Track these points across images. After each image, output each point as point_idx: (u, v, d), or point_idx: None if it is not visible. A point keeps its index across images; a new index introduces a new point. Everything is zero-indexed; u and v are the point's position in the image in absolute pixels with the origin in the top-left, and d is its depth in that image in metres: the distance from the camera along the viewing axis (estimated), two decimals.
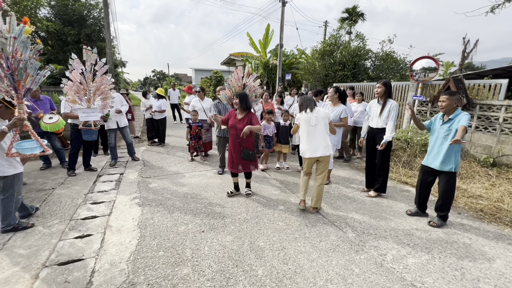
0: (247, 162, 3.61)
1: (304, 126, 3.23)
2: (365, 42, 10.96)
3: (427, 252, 2.55)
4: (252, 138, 3.63)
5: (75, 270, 2.22)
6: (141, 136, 8.30)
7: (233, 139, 3.56)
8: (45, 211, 3.24)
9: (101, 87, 4.33)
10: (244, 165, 3.62)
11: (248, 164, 3.63)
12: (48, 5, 13.19)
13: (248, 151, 3.52)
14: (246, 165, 3.63)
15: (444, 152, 2.93)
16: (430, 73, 5.94)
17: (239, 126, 3.46)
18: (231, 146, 3.61)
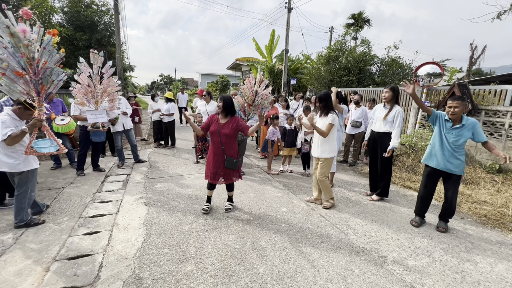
0: (230, 172, 3.24)
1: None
2: (371, 48, 11.03)
3: (428, 255, 2.57)
4: (236, 145, 3.30)
5: (84, 264, 2.31)
6: (148, 138, 8.47)
7: (216, 146, 3.20)
8: (55, 209, 3.36)
9: (108, 89, 4.49)
10: (227, 176, 3.25)
11: (231, 175, 3.27)
12: (61, 11, 13.66)
13: (232, 159, 3.18)
14: (228, 176, 3.25)
15: (451, 155, 2.89)
16: (435, 78, 5.95)
17: (224, 132, 3.14)
18: (212, 155, 3.22)
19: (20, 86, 2.70)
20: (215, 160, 3.21)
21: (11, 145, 2.65)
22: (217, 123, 3.21)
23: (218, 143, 3.19)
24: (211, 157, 3.25)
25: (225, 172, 3.24)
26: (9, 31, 2.49)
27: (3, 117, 2.64)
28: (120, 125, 5.26)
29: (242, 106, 4.44)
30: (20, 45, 2.58)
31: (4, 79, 2.62)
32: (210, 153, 3.27)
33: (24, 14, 2.60)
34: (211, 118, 3.30)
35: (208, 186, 3.36)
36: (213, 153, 3.22)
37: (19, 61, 2.63)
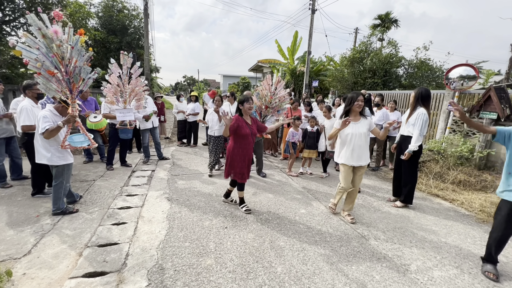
0: (248, 171, 3.38)
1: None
2: (398, 49, 10.61)
3: (455, 267, 2.43)
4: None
5: (112, 252, 2.46)
6: (171, 137, 8.78)
7: (248, 147, 3.26)
8: (87, 199, 3.60)
9: (135, 89, 4.73)
10: (247, 175, 3.38)
11: (249, 172, 3.42)
12: (96, 16, 14.61)
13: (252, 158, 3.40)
14: (248, 175, 3.39)
15: None
16: (469, 81, 5.60)
17: (254, 132, 3.30)
18: (240, 156, 3.23)
19: (54, 85, 2.93)
20: (243, 160, 3.24)
21: (48, 138, 2.89)
22: (247, 124, 3.22)
23: (250, 143, 3.28)
24: (239, 158, 3.22)
25: (248, 171, 3.35)
26: (41, 33, 2.70)
27: (44, 113, 2.90)
28: (150, 122, 5.52)
29: (259, 108, 4.43)
30: (52, 46, 2.78)
31: (41, 78, 2.86)
32: (238, 155, 3.21)
33: (56, 16, 2.82)
34: (238, 120, 3.20)
35: (240, 187, 3.42)
36: (243, 154, 3.22)
37: (51, 61, 2.84)
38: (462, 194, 4.20)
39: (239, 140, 3.21)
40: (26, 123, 3.45)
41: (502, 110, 4.75)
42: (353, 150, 3.08)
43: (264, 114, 4.39)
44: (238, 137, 3.21)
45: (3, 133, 3.91)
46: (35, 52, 2.75)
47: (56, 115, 3.00)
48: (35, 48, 2.75)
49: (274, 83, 4.33)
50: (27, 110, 3.46)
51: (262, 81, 4.56)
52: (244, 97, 3.24)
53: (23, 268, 2.18)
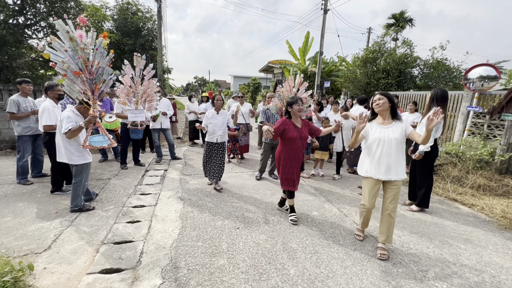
0: (298, 177, 3.18)
1: None
2: (413, 49, 10.34)
3: (476, 275, 2.34)
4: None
5: (127, 249, 2.51)
6: (183, 137, 8.90)
7: (297, 152, 3.04)
8: (103, 197, 3.70)
9: (147, 91, 4.82)
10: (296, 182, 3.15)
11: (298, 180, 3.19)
12: (111, 19, 15.02)
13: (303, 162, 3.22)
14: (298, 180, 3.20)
15: None
16: (490, 82, 5.39)
17: (304, 136, 3.08)
18: (292, 161, 3.05)
19: (78, 86, 3.05)
20: (291, 166, 3.06)
21: (70, 138, 2.99)
22: (296, 127, 3.04)
23: (299, 148, 3.04)
24: (286, 163, 3.07)
25: (298, 177, 3.15)
26: (68, 36, 2.82)
27: (68, 113, 3.00)
28: (158, 123, 5.62)
29: (280, 110, 4.37)
30: (77, 49, 2.90)
31: (66, 80, 2.97)
32: (290, 160, 3.06)
33: (81, 21, 2.94)
34: (284, 123, 3.03)
35: (290, 195, 3.22)
36: (290, 158, 3.05)
37: (77, 62, 2.96)
38: (482, 199, 4.04)
39: (286, 143, 3.06)
40: (47, 123, 3.58)
41: None
42: (379, 160, 2.49)
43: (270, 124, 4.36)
44: (285, 141, 3.06)
45: (31, 130, 4.10)
46: (62, 55, 2.88)
47: (78, 115, 3.10)
48: (63, 51, 2.87)
49: (296, 85, 4.25)
50: (49, 111, 3.60)
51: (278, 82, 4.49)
52: (293, 99, 3.04)
53: (44, 263, 2.26)
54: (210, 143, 4.15)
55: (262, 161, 4.79)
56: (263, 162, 4.78)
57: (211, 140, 4.13)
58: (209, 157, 4.16)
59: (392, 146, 2.46)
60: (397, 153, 2.48)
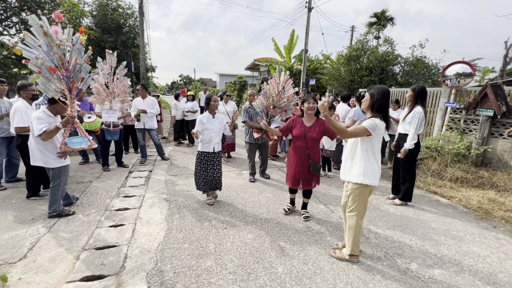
0: (311, 177, 3.08)
1: (379, 141, 2.26)
2: (394, 47, 10.65)
3: (456, 264, 2.44)
4: (319, 149, 3.14)
5: (110, 255, 2.42)
6: (168, 136, 8.72)
7: (301, 151, 3.02)
8: (84, 201, 3.55)
9: (120, 90, 4.64)
10: (307, 181, 3.08)
11: (312, 180, 3.10)
12: (90, 15, 14.43)
13: (317, 164, 3.02)
14: (309, 181, 3.09)
15: None
16: (466, 78, 5.63)
17: (310, 135, 2.98)
18: (295, 160, 3.06)
19: (54, 85, 2.89)
20: (298, 165, 3.04)
21: (46, 140, 2.84)
22: (302, 125, 3.04)
23: (303, 147, 3.01)
24: (293, 162, 3.08)
25: (308, 177, 3.07)
26: (42, 31, 2.67)
27: (38, 114, 2.83)
28: (141, 123, 5.46)
29: (266, 108, 4.31)
30: (52, 44, 2.76)
31: (41, 78, 2.82)
32: (295, 158, 3.06)
33: (56, 17, 2.79)
34: (294, 120, 3.11)
35: (291, 191, 3.33)
36: (297, 158, 3.04)
37: (52, 59, 2.81)
38: (460, 191, 4.22)
39: (293, 141, 3.11)
40: (19, 125, 3.38)
41: (499, 107, 4.78)
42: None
43: (272, 114, 4.24)
44: (293, 139, 3.12)
45: (4, 132, 3.86)
46: (35, 51, 2.72)
47: (50, 116, 2.94)
48: (37, 46, 2.72)
49: (282, 82, 4.20)
50: (21, 112, 3.40)
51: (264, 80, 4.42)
52: (306, 97, 3.05)
53: (19, 273, 2.13)
54: (205, 153, 3.45)
55: (251, 163, 4.66)
56: (252, 163, 4.65)
57: (206, 150, 3.44)
58: (204, 170, 3.45)
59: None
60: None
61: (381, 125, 2.17)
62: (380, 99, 2.18)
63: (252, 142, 4.59)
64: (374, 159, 2.25)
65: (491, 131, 5.12)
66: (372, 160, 2.25)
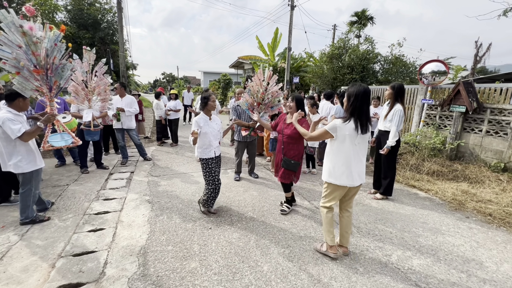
0: (288, 172, 3.19)
1: (349, 142, 2.21)
2: (374, 46, 10.95)
3: (432, 254, 2.55)
4: (300, 146, 3.19)
5: (89, 261, 2.32)
6: (151, 136, 8.49)
7: (279, 145, 3.30)
8: (60, 206, 3.38)
9: (100, 88, 4.46)
10: (284, 174, 3.21)
11: (287, 174, 3.20)
12: (64, 9, 13.70)
13: (290, 160, 3.10)
14: (285, 175, 3.21)
15: None
16: (440, 76, 5.90)
17: (286, 132, 3.13)
18: (277, 153, 3.36)
19: (33, 84, 2.76)
20: (277, 158, 3.34)
21: (27, 141, 2.73)
22: (283, 122, 3.27)
23: (280, 141, 3.27)
24: (276, 155, 3.38)
25: (285, 171, 3.19)
26: (22, 30, 2.51)
27: (6, 115, 2.63)
28: (119, 122, 5.27)
29: (251, 105, 4.28)
30: (30, 43, 2.60)
31: (18, 78, 2.65)
32: (276, 151, 3.39)
33: (28, 11, 2.61)
34: (281, 116, 3.39)
35: (284, 189, 3.42)
36: (277, 151, 3.37)
37: (30, 58, 2.66)
38: (436, 184, 4.43)
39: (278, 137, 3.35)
40: None
41: (470, 104, 5.05)
42: None
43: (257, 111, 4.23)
44: (278, 134, 3.34)
45: None
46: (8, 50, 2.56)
47: (18, 114, 2.76)
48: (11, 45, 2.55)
49: (266, 78, 4.18)
50: None
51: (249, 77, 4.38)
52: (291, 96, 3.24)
53: None
54: (206, 159, 3.06)
55: (238, 161, 4.63)
56: (238, 161, 4.62)
57: (207, 156, 3.05)
58: (216, 180, 3.12)
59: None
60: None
61: (344, 126, 2.15)
62: (354, 101, 2.14)
63: (240, 140, 4.58)
64: (341, 159, 2.24)
65: (464, 126, 5.40)
66: (337, 160, 2.25)
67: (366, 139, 2.28)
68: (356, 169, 2.25)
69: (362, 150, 2.28)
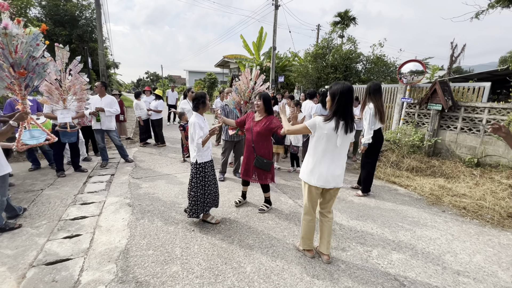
0: (261, 172, 3.18)
1: (325, 142, 2.16)
2: (357, 46, 11.18)
3: (411, 248, 2.64)
4: (269, 144, 3.22)
5: (63, 269, 2.21)
6: (133, 137, 8.25)
7: (248, 144, 3.22)
8: (33, 212, 3.20)
9: (75, 87, 4.28)
10: (259, 176, 3.20)
11: (262, 175, 3.19)
12: (38, 5, 13.04)
13: (263, 159, 3.10)
14: (260, 175, 3.20)
15: None
16: (418, 76, 6.11)
17: (255, 129, 3.12)
18: (245, 152, 3.28)
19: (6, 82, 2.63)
20: (246, 157, 3.27)
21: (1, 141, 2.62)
22: (252, 120, 3.23)
23: (249, 140, 3.21)
24: (245, 154, 3.30)
25: (257, 171, 3.19)
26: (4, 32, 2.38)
27: None
28: (98, 123, 5.08)
29: (238, 104, 4.25)
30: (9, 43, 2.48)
31: None
32: (245, 150, 3.31)
33: (1, 6, 2.45)
34: (248, 115, 3.33)
35: (242, 182, 3.47)
36: (246, 150, 3.28)
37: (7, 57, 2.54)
38: (415, 180, 4.58)
39: (246, 135, 3.29)
40: None
41: (446, 102, 5.26)
42: None
43: (244, 110, 4.19)
44: (246, 132, 3.30)
45: None
46: None
47: None
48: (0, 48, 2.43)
49: (253, 77, 4.16)
50: None
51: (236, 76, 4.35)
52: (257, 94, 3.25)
53: None
54: (204, 163, 2.84)
55: (223, 160, 4.57)
56: (224, 161, 4.57)
57: (206, 159, 2.86)
58: (208, 185, 2.88)
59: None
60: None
61: (324, 125, 2.11)
62: (338, 100, 2.09)
63: (228, 140, 4.54)
64: (314, 158, 2.21)
65: (440, 124, 5.62)
66: (310, 159, 2.25)
67: (349, 140, 2.20)
68: (330, 170, 2.17)
69: (341, 151, 2.20)
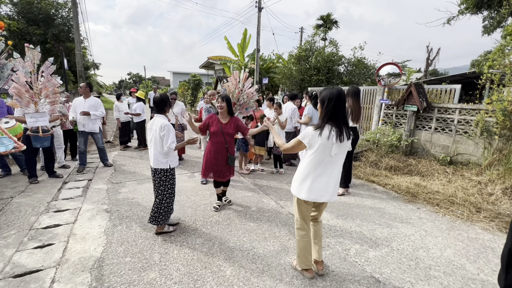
0: (227, 169, 3.35)
1: (319, 152, 1.98)
2: (338, 48, 11.47)
3: (387, 245, 2.73)
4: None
5: (32, 281, 2.10)
6: (113, 140, 8.00)
7: (220, 146, 3.23)
8: (1, 222, 3.03)
9: (48, 90, 4.10)
10: (223, 173, 3.33)
11: (227, 171, 3.38)
12: (10, 2, 12.38)
13: (233, 157, 3.35)
14: (231, 171, 3.42)
15: None
16: (395, 78, 6.35)
17: (227, 131, 3.21)
18: (213, 154, 3.25)
19: None
20: (217, 158, 3.26)
21: None
22: (219, 123, 3.25)
23: (222, 143, 3.24)
24: (212, 157, 3.27)
25: (224, 169, 3.32)
26: None
27: None
28: (81, 125, 4.90)
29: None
30: None
31: None
32: (210, 153, 3.28)
33: None
34: (210, 118, 3.31)
35: (215, 185, 3.49)
36: (215, 152, 3.26)
37: None
38: (392, 178, 4.75)
39: (211, 138, 3.30)
40: None
41: (421, 103, 5.50)
42: None
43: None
44: (210, 135, 3.29)
45: None
46: None
47: None
48: None
49: (241, 80, 4.15)
50: None
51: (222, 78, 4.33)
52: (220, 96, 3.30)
53: None
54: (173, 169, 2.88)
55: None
56: None
57: (176, 164, 2.95)
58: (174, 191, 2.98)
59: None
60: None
61: (316, 134, 1.94)
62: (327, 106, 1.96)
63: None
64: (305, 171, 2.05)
65: (416, 124, 5.87)
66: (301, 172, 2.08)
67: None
68: (323, 184, 2.02)
69: (336, 162, 2.03)
